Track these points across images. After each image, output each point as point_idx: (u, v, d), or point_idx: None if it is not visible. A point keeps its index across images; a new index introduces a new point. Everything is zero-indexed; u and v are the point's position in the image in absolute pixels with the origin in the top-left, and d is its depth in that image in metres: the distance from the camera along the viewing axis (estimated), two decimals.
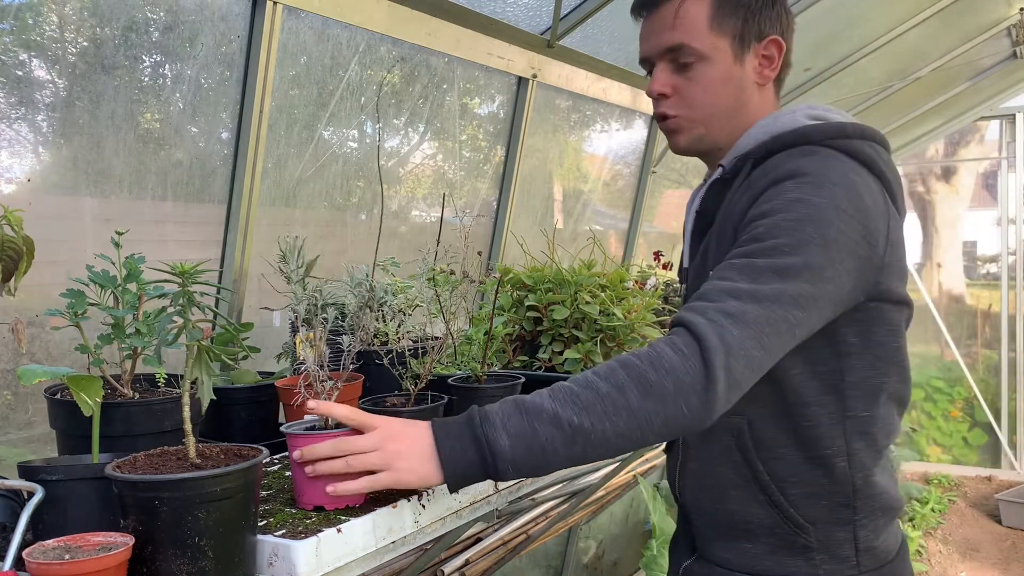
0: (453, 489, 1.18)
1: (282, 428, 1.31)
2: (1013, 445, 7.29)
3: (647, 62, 1.43)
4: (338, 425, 1.27)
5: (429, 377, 1.56)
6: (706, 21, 1.34)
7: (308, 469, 1.22)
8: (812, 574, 1.31)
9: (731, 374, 1.12)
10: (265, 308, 2.11)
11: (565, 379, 1.21)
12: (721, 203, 1.37)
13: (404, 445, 1.17)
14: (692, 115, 1.38)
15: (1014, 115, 7.18)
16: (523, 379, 1.75)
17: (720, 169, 1.40)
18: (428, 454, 1.16)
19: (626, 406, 1.11)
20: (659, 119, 1.44)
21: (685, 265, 1.45)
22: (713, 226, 1.38)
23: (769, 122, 1.37)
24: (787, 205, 1.21)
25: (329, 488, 1.21)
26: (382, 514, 1.35)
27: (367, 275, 1.90)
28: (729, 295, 1.16)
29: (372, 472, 1.18)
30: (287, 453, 1.71)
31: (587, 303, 2.11)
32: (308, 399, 1.24)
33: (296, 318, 1.86)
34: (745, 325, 1.13)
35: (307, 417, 1.33)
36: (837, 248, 1.20)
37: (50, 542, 1.05)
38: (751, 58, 1.38)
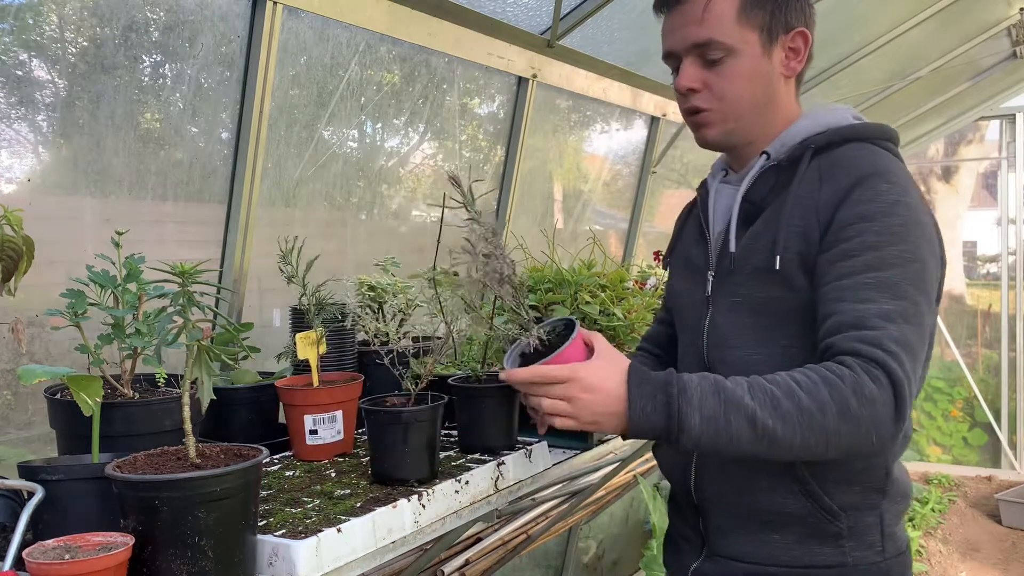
0: (626, 439, 1.26)
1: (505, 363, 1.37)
2: (1013, 445, 7.29)
3: (673, 57, 1.42)
4: (548, 350, 1.32)
5: (429, 377, 1.56)
6: (734, 15, 1.34)
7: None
8: (841, 562, 1.31)
9: (911, 404, 1.18)
10: None
11: None
12: (777, 189, 1.36)
13: (596, 399, 1.23)
14: (724, 108, 1.38)
15: (1014, 115, 7.18)
16: None
17: (765, 156, 1.39)
18: (619, 412, 1.22)
19: (822, 425, 1.15)
20: (688, 113, 1.42)
21: (732, 250, 1.39)
22: (767, 211, 1.36)
23: (819, 114, 1.39)
24: (889, 208, 1.25)
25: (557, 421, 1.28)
26: (382, 514, 1.36)
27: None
28: (884, 319, 1.19)
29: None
30: (288, 453, 1.71)
31: (587, 303, 2.11)
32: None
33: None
34: (911, 350, 1.19)
35: (511, 352, 1.39)
36: (933, 247, 1.28)
37: (50, 542, 1.05)
38: (778, 51, 1.38)
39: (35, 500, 1.13)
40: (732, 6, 1.34)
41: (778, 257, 1.30)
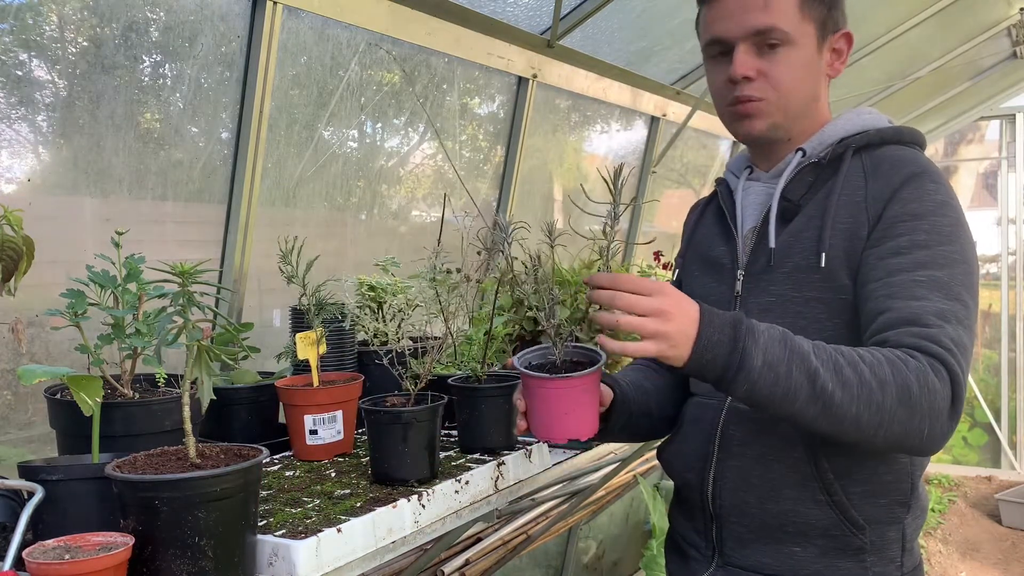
0: (689, 371, 1.17)
1: (516, 364, 1.29)
2: (1013, 445, 7.29)
3: (722, 43, 1.35)
4: (572, 367, 1.28)
5: (429, 377, 1.56)
6: (796, 4, 1.32)
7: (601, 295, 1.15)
8: None
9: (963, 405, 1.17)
10: None
11: None
12: (816, 187, 1.34)
13: (683, 315, 1.15)
14: (777, 99, 1.34)
15: (1014, 115, 7.18)
16: None
17: (800, 153, 1.36)
18: (691, 336, 1.15)
19: (879, 403, 1.12)
20: (737, 103, 1.36)
21: (772, 245, 1.34)
22: (808, 209, 1.33)
23: (853, 116, 1.39)
24: (937, 208, 1.25)
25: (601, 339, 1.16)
26: (382, 514, 1.36)
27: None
28: (940, 318, 1.17)
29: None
30: (287, 453, 1.71)
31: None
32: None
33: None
34: (966, 353, 1.18)
35: (529, 352, 1.34)
36: (975, 249, 1.28)
37: (50, 542, 1.05)
38: (826, 50, 1.37)
39: (35, 500, 1.13)
40: None
41: (823, 255, 1.27)
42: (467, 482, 1.55)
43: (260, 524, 1.25)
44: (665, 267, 3.12)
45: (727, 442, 1.36)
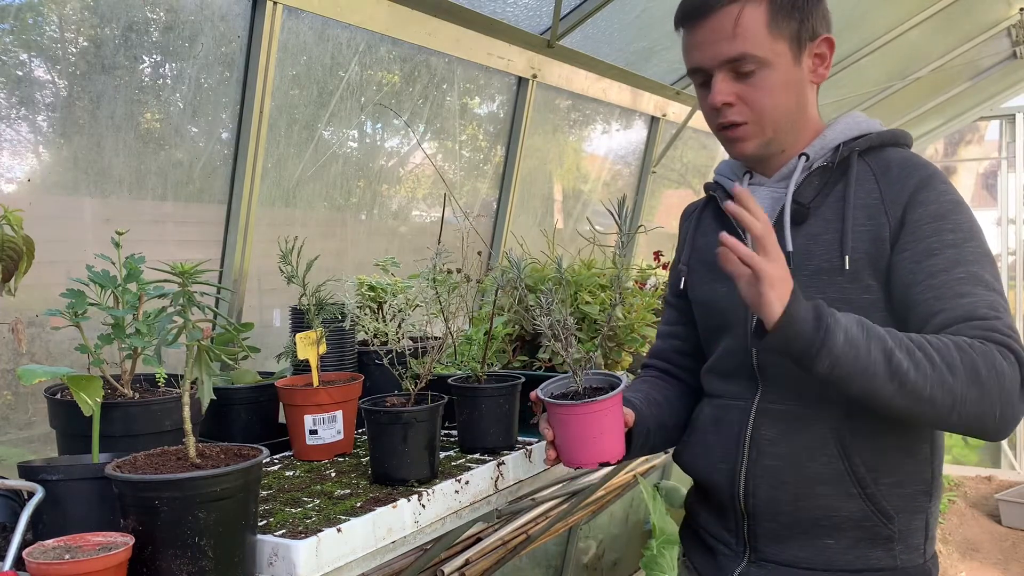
0: (773, 343, 1.20)
1: (540, 395, 1.36)
2: (1013, 445, 7.29)
3: (701, 72, 1.38)
4: (593, 393, 1.35)
5: (429, 377, 1.56)
6: (764, 27, 1.32)
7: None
8: (892, 565, 1.33)
9: None
10: None
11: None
12: (826, 191, 1.37)
13: (778, 285, 1.18)
14: (760, 120, 1.36)
15: (1014, 115, 7.18)
16: (523, 379, 1.75)
17: (804, 158, 1.38)
18: (786, 302, 1.19)
19: (951, 385, 1.17)
20: (722, 128, 1.40)
21: (789, 249, 1.35)
22: (822, 211, 1.36)
23: (850, 121, 1.41)
24: (954, 207, 1.31)
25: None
26: (382, 514, 1.36)
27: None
28: (991, 309, 1.23)
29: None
30: (288, 453, 1.71)
31: (587, 303, 2.12)
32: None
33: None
34: (1019, 336, 1.22)
35: (551, 383, 1.40)
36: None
37: (50, 542, 1.05)
38: (806, 58, 1.37)
39: (35, 500, 1.13)
40: (762, 18, 1.32)
41: (847, 257, 1.31)
42: (467, 482, 1.55)
43: (260, 524, 1.25)
44: (665, 267, 3.12)
45: (758, 443, 1.38)
